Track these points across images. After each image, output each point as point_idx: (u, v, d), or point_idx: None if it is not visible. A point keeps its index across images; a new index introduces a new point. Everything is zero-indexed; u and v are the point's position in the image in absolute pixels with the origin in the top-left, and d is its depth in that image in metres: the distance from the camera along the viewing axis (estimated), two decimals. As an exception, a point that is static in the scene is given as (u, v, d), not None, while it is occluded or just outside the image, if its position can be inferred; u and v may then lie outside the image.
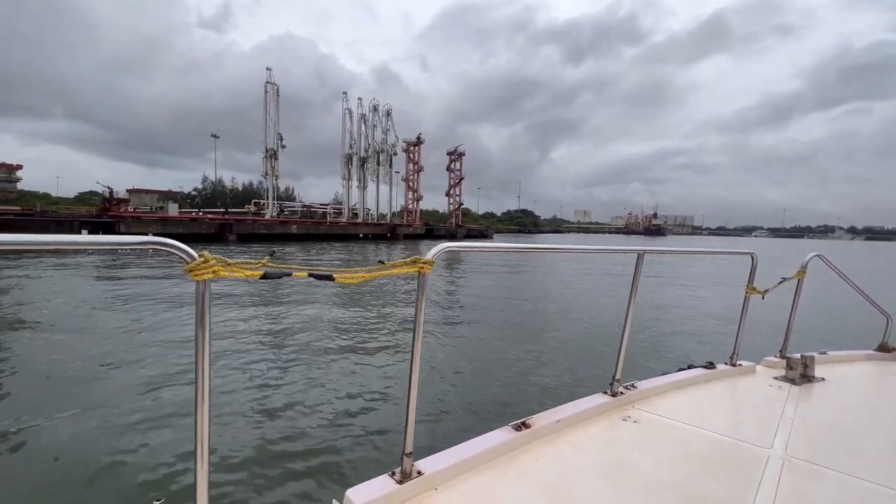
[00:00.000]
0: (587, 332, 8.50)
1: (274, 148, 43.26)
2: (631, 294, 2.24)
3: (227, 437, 3.82)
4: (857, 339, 4.17)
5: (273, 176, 44.24)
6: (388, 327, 8.22)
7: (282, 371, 5.61)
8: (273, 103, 42.82)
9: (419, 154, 68.55)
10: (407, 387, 1.46)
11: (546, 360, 6.49)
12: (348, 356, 6.34)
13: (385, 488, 1.38)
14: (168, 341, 6.79)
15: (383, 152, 54.95)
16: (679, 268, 22.03)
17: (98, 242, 0.91)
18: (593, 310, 10.90)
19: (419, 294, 1.42)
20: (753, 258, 2.91)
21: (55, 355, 6.03)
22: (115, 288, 12.06)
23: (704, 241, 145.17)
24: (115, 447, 3.66)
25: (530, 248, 2.24)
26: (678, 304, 12.05)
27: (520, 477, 1.57)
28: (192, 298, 1.03)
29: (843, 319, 10.16)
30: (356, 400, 4.77)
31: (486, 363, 6.29)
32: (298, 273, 1.14)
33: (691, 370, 2.76)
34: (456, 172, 78.11)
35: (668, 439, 1.92)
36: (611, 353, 2.36)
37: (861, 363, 3.31)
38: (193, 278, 0.97)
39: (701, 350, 7.19)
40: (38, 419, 4.13)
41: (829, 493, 1.56)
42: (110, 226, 30.93)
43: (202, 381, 1.02)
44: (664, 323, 9.38)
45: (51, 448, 3.67)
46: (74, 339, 6.89)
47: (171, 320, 8.21)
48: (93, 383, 5.06)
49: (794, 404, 2.37)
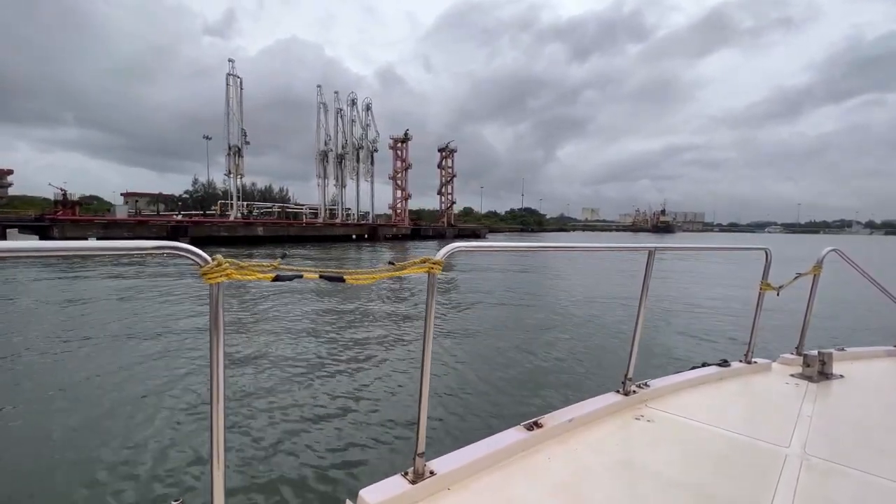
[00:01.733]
0: (598, 330, 8.29)
1: (238, 145, 40.41)
2: (642, 292, 2.22)
3: (242, 438, 3.86)
4: (877, 335, 4.40)
5: (238, 174, 41.39)
6: (397, 327, 8.17)
7: (294, 372, 5.61)
8: (236, 97, 40.01)
9: (407, 151, 65.49)
10: (418, 387, 1.46)
11: (557, 358, 6.43)
12: (359, 356, 6.36)
13: (398, 488, 1.37)
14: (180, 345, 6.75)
15: (363, 149, 51.82)
16: (692, 263, 21.44)
17: (115, 248, 0.95)
18: (603, 308, 10.56)
19: (429, 294, 1.41)
20: (768, 254, 2.84)
21: (68, 358, 6.15)
22: (123, 291, 12.07)
23: (715, 237, 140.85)
24: (133, 449, 3.69)
25: (539, 248, 2.13)
26: (690, 301, 11.64)
27: (532, 477, 1.55)
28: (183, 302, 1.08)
29: (861, 315, 9.76)
30: (368, 400, 4.77)
31: (497, 362, 6.21)
32: (310, 275, 1.14)
33: (705, 368, 2.70)
34: (447, 170, 74.88)
35: (683, 438, 1.89)
36: (622, 351, 2.58)
37: (881, 359, 3.22)
38: (207, 281, 0.99)
39: (715, 348, 6.99)
40: (52, 423, 4.19)
41: (849, 493, 1.52)
42: (46, 229, 28.63)
43: (217, 383, 1.04)
44: (676, 321, 9.09)
45: (68, 451, 3.71)
46: (87, 344, 6.89)
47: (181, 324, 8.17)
48: (107, 388, 5.06)
49: (811, 402, 2.32)
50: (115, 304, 10.25)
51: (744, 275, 17.34)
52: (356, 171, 51.54)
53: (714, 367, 2.71)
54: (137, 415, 4.37)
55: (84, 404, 4.62)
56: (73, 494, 3.17)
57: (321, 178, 49.24)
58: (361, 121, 51.51)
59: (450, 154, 73.85)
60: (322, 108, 48.39)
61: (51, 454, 3.66)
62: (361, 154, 51.88)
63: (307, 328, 8.00)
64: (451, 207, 76.02)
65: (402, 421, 4.26)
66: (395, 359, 6.26)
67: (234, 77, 39.76)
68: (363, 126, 51.93)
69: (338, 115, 49.71)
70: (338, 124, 49.88)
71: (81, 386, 5.12)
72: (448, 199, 75.68)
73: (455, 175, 75.22)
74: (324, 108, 48.58)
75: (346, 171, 50.85)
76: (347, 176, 51.64)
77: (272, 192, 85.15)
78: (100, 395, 4.87)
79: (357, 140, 51.14)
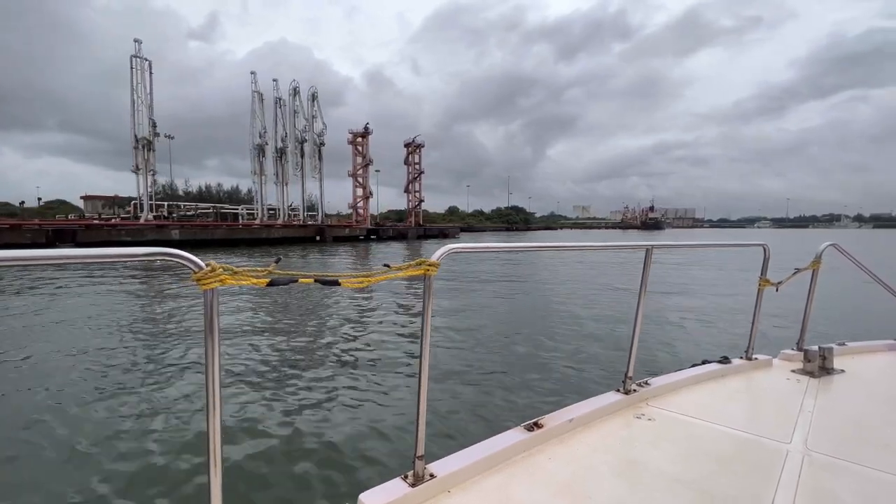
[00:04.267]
0: (596, 329, 8.17)
1: (147, 137, 35.45)
2: (641, 290, 2.20)
3: (239, 443, 3.83)
4: (878, 329, 4.23)
5: (147, 171, 36.39)
6: (395, 330, 8.15)
7: (290, 376, 5.58)
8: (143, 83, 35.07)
9: (367, 146, 60.87)
10: (416, 389, 1.45)
11: (556, 358, 6.36)
12: (356, 359, 6.32)
13: (398, 492, 1.36)
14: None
15: (307, 142, 46.97)
16: (681, 258, 21.32)
17: (105, 255, 0.94)
18: (600, 307, 10.38)
19: (426, 296, 1.40)
20: (766, 250, 2.84)
21: (63, 358, 6.21)
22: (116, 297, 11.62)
23: (705, 233, 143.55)
24: (129, 455, 3.67)
25: (536, 248, 2.13)
26: (689, 298, 11.50)
27: (533, 478, 1.55)
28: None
29: (860, 310, 9.92)
30: (367, 403, 4.74)
31: (495, 363, 6.15)
32: (304, 279, 1.15)
33: (706, 365, 2.67)
34: (414, 166, 70.23)
35: (684, 436, 1.88)
36: (622, 350, 2.55)
37: (882, 354, 3.19)
38: (202, 287, 0.98)
39: (715, 345, 7.07)
40: (47, 425, 4.19)
41: (852, 488, 1.51)
42: None
43: (213, 388, 1.03)
44: (676, 319, 9.01)
45: (62, 454, 3.69)
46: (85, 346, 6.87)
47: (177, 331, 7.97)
48: (99, 393, 4.99)
49: (813, 397, 2.32)
50: (104, 307, 9.94)
51: (734, 270, 17.05)
52: (301, 167, 46.71)
53: (715, 364, 2.68)
54: (131, 421, 4.29)
55: (75, 408, 4.55)
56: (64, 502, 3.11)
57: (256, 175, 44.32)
58: (305, 111, 46.62)
59: (416, 149, 69.24)
60: (257, 97, 43.51)
61: (43, 461, 3.60)
62: (307, 149, 47.05)
63: (301, 332, 7.86)
64: (419, 206, 71.46)
65: (400, 424, 4.20)
66: (393, 361, 6.17)
67: (140, 59, 34.77)
68: (307, 118, 47.04)
69: (277, 105, 44.82)
70: (277, 115, 44.97)
71: (72, 389, 5.07)
72: (416, 197, 71.11)
73: (423, 172, 70.63)
74: (259, 98, 43.70)
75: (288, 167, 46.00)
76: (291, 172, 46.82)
77: (240, 194, 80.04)
78: (91, 399, 4.78)
79: (300, 133, 46.26)
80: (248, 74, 43.84)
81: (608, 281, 14.88)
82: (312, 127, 47.54)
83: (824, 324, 8.03)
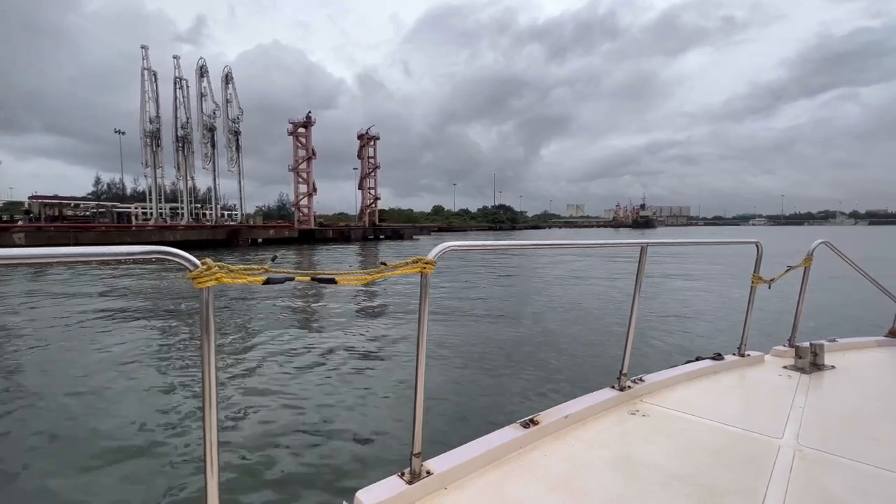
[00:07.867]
0: (591, 327, 8.23)
1: None
2: (636, 287, 2.19)
3: (236, 442, 3.82)
4: (867, 326, 4.28)
5: None
6: (391, 327, 8.09)
7: (287, 375, 5.54)
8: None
9: (310, 139, 54.28)
10: (413, 387, 1.46)
11: (552, 355, 6.36)
12: (353, 358, 6.29)
13: (395, 489, 1.37)
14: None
15: (215, 129, 40.27)
16: (673, 256, 21.30)
17: (101, 253, 0.94)
18: (595, 304, 10.48)
19: (422, 294, 1.40)
20: (759, 247, 2.85)
21: (54, 363, 6.06)
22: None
23: (698, 231, 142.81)
24: (128, 455, 3.64)
25: (532, 245, 2.12)
26: (683, 296, 11.63)
27: (529, 474, 1.56)
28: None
29: (851, 306, 9.78)
30: (363, 401, 4.74)
31: (491, 361, 6.15)
32: (301, 277, 1.15)
33: (699, 362, 2.70)
34: (369, 160, 63.61)
35: (678, 432, 1.89)
36: (616, 347, 2.53)
37: (871, 350, 3.22)
38: (197, 286, 0.98)
39: (708, 341, 7.08)
40: (47, 426, 4.14)
41: (842, 482, 1.54)
42: None
43: (209, 387, 1.03)
44: (670, 315, 9.03)
45: (60, 454, 3.65)
46: (77, 349, 6.82)
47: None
48: (99, 390, 4.98)
49: (804, 393, 2.34)
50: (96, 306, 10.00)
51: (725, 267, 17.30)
52: (211, 157, 40.02)
53: (708, 360, 2.71)
54: (129, 420, 4.25)
55: (71, 408, 4.52)
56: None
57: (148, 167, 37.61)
58: (213, 94, 39.89)
59: (370, 141, 62.62)
60: (148, 74, 36.76)
61: (41, 462, 3.55)
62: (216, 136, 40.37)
63: (299, 330, 7.90)
64: (374, 203, 64.82)
65: (397, 421, 4.21)
66: (389, 358, 6.19)
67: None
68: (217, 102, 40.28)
69: (177, 85, 38.10)
70: (177, 98, 38.24)
71: (68, 387, 5.02)
72: (371, 194, 64.50)
73: (378, 166, 63.94)
74: (152, 77, 36.96)
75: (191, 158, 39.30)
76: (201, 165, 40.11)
77: (198, 193, 73.21)
78: (88, 400, 4.73)
79: (207, 118, 39.54)
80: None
81: (602, 278, 14.60)
82: (227, 112, 40.83)
83: (815, 320, 8.02)
